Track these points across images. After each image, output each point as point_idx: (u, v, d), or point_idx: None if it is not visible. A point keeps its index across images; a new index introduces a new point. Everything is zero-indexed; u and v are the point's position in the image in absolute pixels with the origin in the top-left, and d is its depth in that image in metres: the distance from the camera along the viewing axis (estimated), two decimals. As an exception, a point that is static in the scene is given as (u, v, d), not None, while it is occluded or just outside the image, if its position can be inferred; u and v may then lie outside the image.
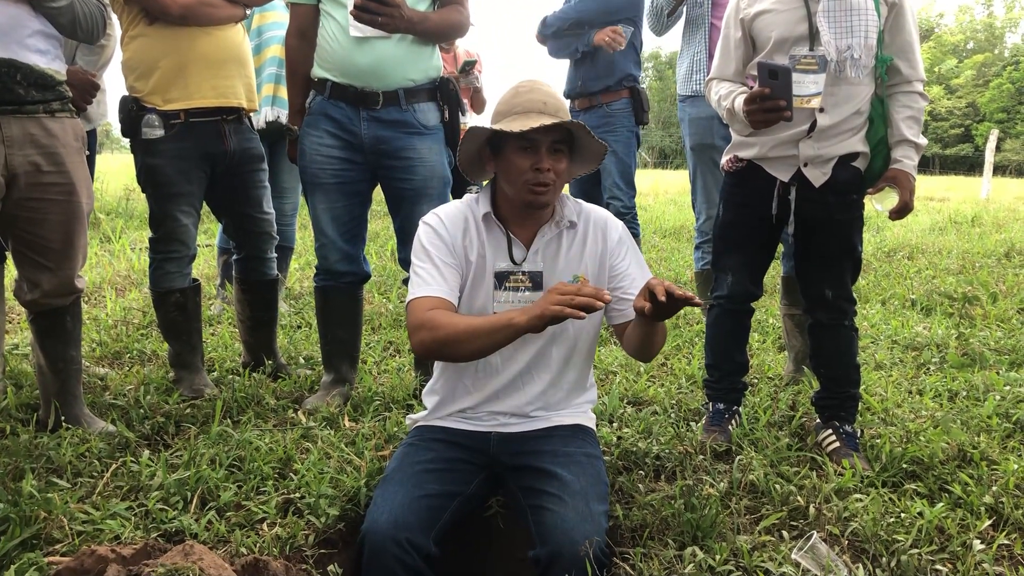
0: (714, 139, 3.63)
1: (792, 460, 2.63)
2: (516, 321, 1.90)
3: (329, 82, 3.05)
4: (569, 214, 2.25)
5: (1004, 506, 2.29)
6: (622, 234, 2.31)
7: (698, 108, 3.71)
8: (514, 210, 2.21)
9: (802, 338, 3.56)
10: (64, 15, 2.61)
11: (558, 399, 2.32)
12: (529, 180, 2.10)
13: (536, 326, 1.88)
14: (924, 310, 5.13)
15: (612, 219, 2.33)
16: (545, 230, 2.23)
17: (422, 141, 3.11)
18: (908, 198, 2.61)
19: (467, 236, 2.22)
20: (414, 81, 3.08)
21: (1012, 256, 7.12)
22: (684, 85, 3.82)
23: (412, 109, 3.08)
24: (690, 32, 3.84)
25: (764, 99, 2.47)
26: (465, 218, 2.24)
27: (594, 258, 2.27)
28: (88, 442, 2.63)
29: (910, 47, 2.63)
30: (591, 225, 2.29)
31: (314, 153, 3.10)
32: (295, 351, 3.93)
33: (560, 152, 2.13)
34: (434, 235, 2.20)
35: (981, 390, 3.35)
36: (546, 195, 2.12)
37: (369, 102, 3.03)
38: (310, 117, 3.12)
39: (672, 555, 2.06)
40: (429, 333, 2.01)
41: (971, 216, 10.71)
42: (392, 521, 1.93)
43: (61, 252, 2.71)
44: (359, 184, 3.16)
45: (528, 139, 2.08)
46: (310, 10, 3.10)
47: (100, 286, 5.32)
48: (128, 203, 9.49)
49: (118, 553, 1.75)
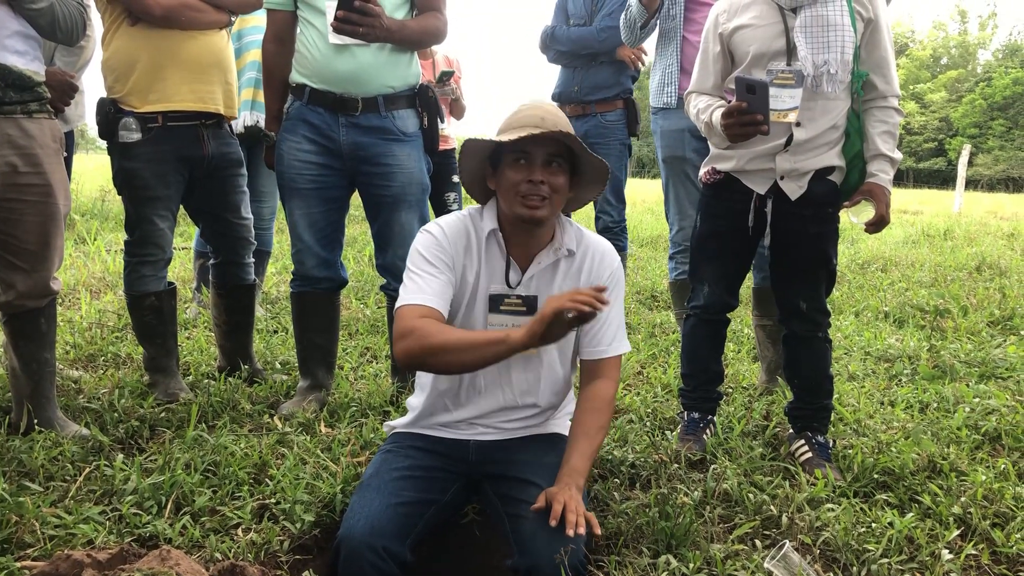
0: (686, 151, 3.66)
1: (765, 469, 2.66)
2: (511, 337, 1.87)
3: (308, 88, 3.05)
4: (568, 241, 2.22)
5: (972, 516, 2.33)
6: (614, 271, 2.28)
7: (670, 120, 3.74)
8: (512, 227, 2.18)
9: (774, 349, 3.60)
10: (44, 16, 2.60)
11: (540, 421, 2.35)
12: (523, 192, 2.07)
13: (531, 342, 1.85)
14: (897, 322, 5.19)
15: (611, 255, 2.29)
16: (542, 256, 2.21)
17: (401, 148, 3.11)
18: (884, 211, 2.65)
19: (468, 254, 2.19)
20: (393, 88, 3.09)
21: (983, 270, 7.22)
22: (656, 98, 3.85)
23: (391, 116, 3.09)
24: (663, 45, 3.87)
25: (741, 113, 2.50)
26: (468, 234, 2.21)
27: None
28: (61, 445, 2.60)
29: (886, 63, 2.67)
30: (588, 256, 2.25)
31: (292, 158, 3.09)
32: (271, 356, 3.91)
33: (557, 167, 2.11)
34: (435, 245, 2.16)
35: (951, 402, 3.40)
36: (540, 209, 2.08)
37: (348, 108, 3.03)
38: (288, 122, 3.11)
39: (646, 563, 2.08)
40: (416, 341, 1.97)
41: (944, 229, 10.86)
42: (368, 528, 1.93)
43: (37, 254, 2.69)
44: (336, 190, 3.16)
45: (522, 151, 2.07)
46: (287, 16, 3.10)
47: (75, 288, 5.27)
48: (104, 204, 9.42)
49: (94, 558, 1.74)
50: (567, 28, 4.76)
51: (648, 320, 5.06)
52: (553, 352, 2.25)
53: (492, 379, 2.23)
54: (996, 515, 2.37)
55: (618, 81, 4.75)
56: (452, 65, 5.87)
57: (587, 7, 4.75)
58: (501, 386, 2.25)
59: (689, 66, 3.62)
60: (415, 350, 1.98)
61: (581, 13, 4.76)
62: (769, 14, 2.65)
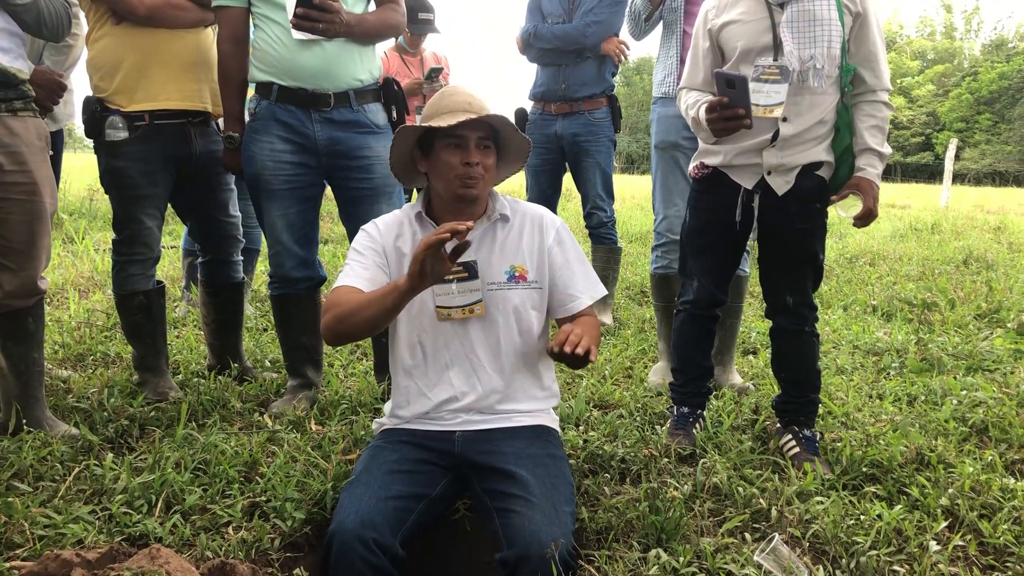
0: (679, 137, 3.66)
1: (755, 463, 2.67)
2: (398, 283, 2.04)
3: (275, 85, 3.01)
4: (500, 207, 2.37)
5: (960, 508, 2.34)
6: (559, 230, 2.41)
7: (668, 108, 3.74)
8: (447, 207, 2.31)
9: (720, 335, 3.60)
10: (29, 12, 2.59)
11: (515, 387, 2.36)
12: (460, 175, 2.22)
13: (413, 281, 1.98)
14: (885, 316, 5.22)
15: (549, 216, 2.44)
16: (478, 225, 2.32)
17: (377, 140, 3.12)
18: (872, 205, 2.65)
19: (400, 238, 2.35)
20: (362, 82, 3.09)
21: (970, 263, 7.26)
22: (658, 87, 3.88)
23: (363, 109, 3.09)
24: (665, 37, 3.89)
25: (723, 108, 2.51)
26: (400, 223, 2.38)
27: (531, 252, 2.36)
28: (50, 445, 2.59)
29: (875, 57, 2.67)
30: (527, 220, 2.40)
31: (266, 159, 3.04)
32: (261, 354, 3.91)
33: (487, 148, 2.26)
34: (367, 238, 2.35)
35: (939, 394, 3.42)
36: (475, 187, 2.23)
37: (320, 104, 3.02)
38: (258, 122, 3.06)
39: (637, 557, 2.08)
40: (330, 313, 2.15)
41: (931, 223, 10.90)
42: (359, 522, 1.94)
43: (24, 253, 2.68)
44: (312, 188, 3.15)
45: (457, 136, 2.21)
46: (242, 13, 3.04)
47: (63, 287, 5.25)
48: (91, 204, 9.36)
49: (83, 557, 1.74)
50: (549, 25, 4.77)
51: (637, 315, 5.07)
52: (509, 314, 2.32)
53: (456, 350, 2.32)
54: (983, 506, 2.39)
55: (603, 77, 4.77)
56: (441, 62, 5.87)
57: (564, 6, 4.76)
58: (466, 355, 2.32)
59: None
60: (329, 321, 2.15)
61: (559, 12, 4.76)
62: (757, 10, 2.66)
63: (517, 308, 2.32)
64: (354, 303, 2.13)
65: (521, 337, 2.34)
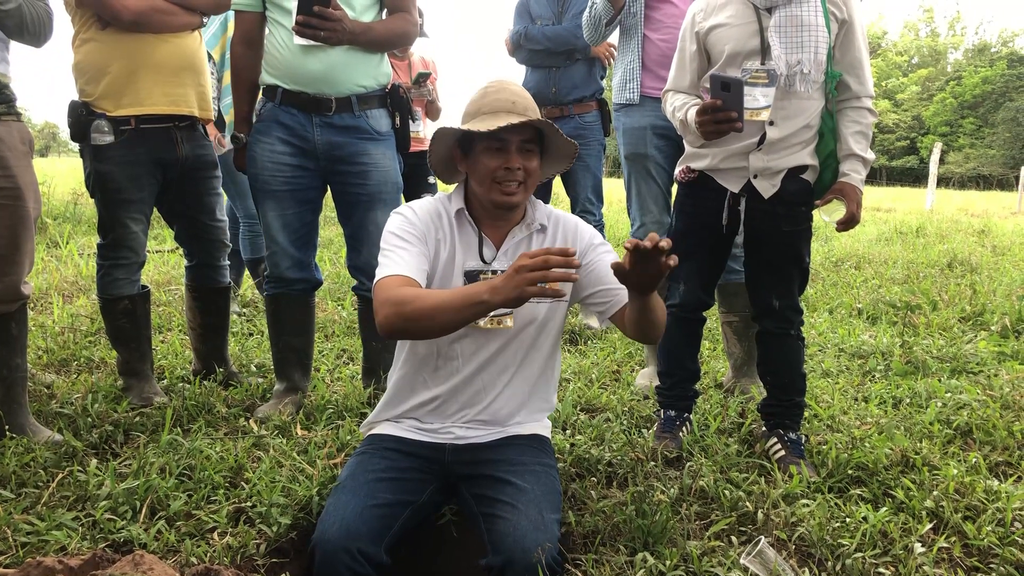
0: (647, 148, 3.65)
1: (741, 466, 2.68)
2: (487, 300, 1.85)
3: (280, 88, 3.04)
4: (540, 217, 2.28)
5: (944, 510, 2.35)
6: (593, 236, 2.31)
7: (632, 118, 3.73)
8: (485, 210, 2.22)
9: (741, 345, 3.62)
10: (12, 18, 2.57)
11: (521, 400, 2.32)
12: (499, 179, 2.10)
13: (509, 304, 1.83)
14: (870, 319, 5.24)
15: (583, 224, 2.34)
16: (516, 231, 2.25)
17: (376, 147, 3.11)
18: (855, 210, 2.67)
19: (440, 230, 2.22)
20: (365, 88, 3.09)
21: (954, 266, 7.31)
22: (619, 94, 3.84)
23: (365, 115, 3.09)
24: (624, 42, 3.84)
25: (716, 111, 2.51)
26: (439, 213, 2.24)
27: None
28: (33, 451, 2.57)
29: (859, 63, 2.69)
30: (560, 229, 2.30)
31: (265, 160, 3.08)
32: (247, 359, 3.89)
33: (530, 151, 2.13)
34: (406, 222, 2.19)
35: (924, 397, 3.44)
36: (516, 195, 2.13)
37: (322, 108, 3.03)
38: (261, 124, 3.10)
39: (623, 561, 2.08)
40: (395, 308, 1.96)
41: (916, 227, 10.97)
42: (343, 531, 1.92)
43: (6, 257, 2.66)
44: (311, 191, 3.15)
45: (498, 139, 2.08)
46: (256, 17, 3.09)
47: (47, 292, 5.20)
48: (76, 207, 9.30)
49: (65, 564, 1.72)
50: (539, 27, 4.77)
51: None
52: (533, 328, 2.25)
53: (472, 357, 2.24)
54: (968, 508, 2.40)
55: (593, 79, 4.79)
56: (429, 66, 5.86)
57: (553, 8, 4.78)
58: (483, 364, 2.24)
59: (650, 63, 3.64)
60: (393, 318, 1.96)
61: (548, 14, 4.77)
62: (744, 13, 2.67)
63: (541, 322, 2.26)
64: (427, 303, 1.94)
65: (538, 351, 2.30)
